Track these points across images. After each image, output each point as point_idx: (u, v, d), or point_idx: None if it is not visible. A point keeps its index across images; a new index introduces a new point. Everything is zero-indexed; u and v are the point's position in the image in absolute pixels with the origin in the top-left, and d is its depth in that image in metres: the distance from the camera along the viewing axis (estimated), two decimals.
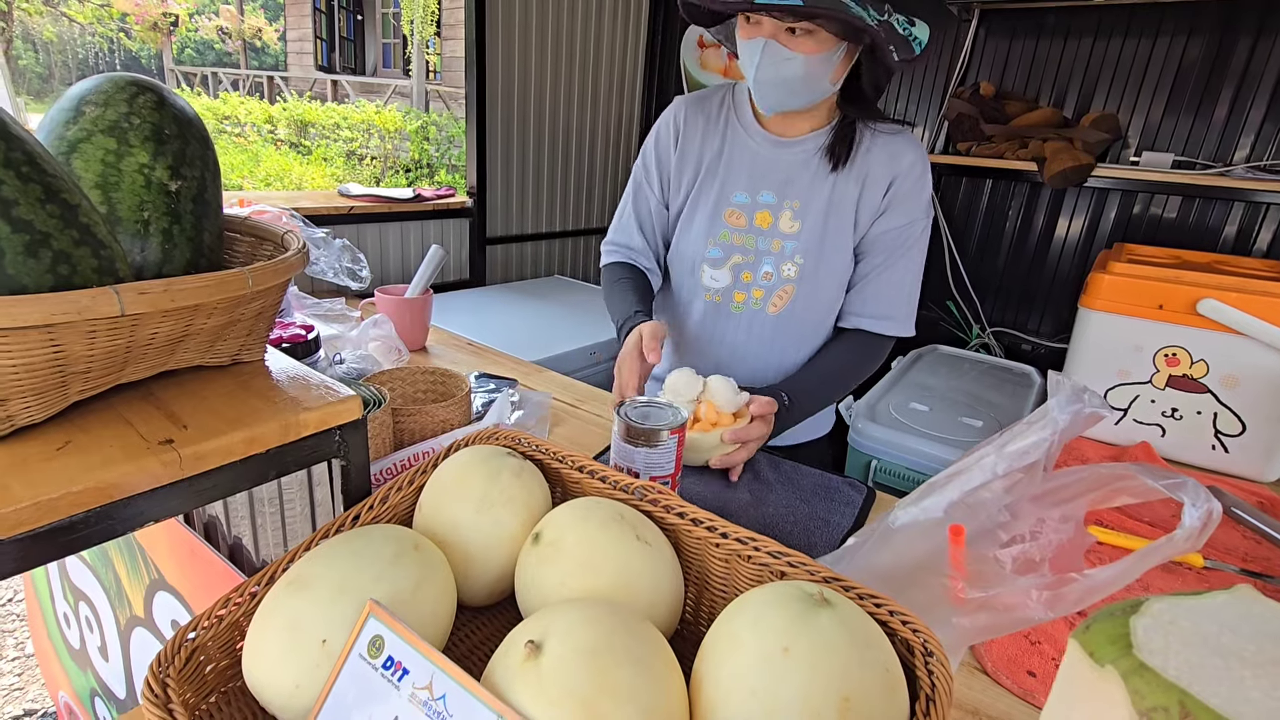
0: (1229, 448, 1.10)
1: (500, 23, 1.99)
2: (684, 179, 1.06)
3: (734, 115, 1.04)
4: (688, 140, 1.05)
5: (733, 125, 1.04)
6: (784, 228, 1.01)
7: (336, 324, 1.14)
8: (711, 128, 1.04)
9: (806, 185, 1.00)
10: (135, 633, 0.88)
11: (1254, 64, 1.66)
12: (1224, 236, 1.75)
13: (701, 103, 1.06)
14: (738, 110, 1.04)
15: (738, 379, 0.99)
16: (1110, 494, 0.41)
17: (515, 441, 0.66)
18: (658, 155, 1.08)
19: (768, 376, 1.08)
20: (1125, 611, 0.24)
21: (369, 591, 0.45)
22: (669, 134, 1.06)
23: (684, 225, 1.07)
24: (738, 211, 1.02)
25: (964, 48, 1.96)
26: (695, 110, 1.05)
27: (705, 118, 1.05)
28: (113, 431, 0.46)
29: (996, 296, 2.10)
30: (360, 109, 9.42)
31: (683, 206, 1.07)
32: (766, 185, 1.01)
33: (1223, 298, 1.04)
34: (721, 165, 1.03)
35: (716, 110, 1.05)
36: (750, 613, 0.42)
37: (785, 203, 1.01)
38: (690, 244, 1.06)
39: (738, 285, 1.04)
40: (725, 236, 1.03)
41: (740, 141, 1.03)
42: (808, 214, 1.00)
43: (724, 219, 1.03)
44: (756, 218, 1.02)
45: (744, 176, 1.02)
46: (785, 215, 1.01)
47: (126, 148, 0.53)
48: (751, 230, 1.02)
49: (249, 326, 0.56)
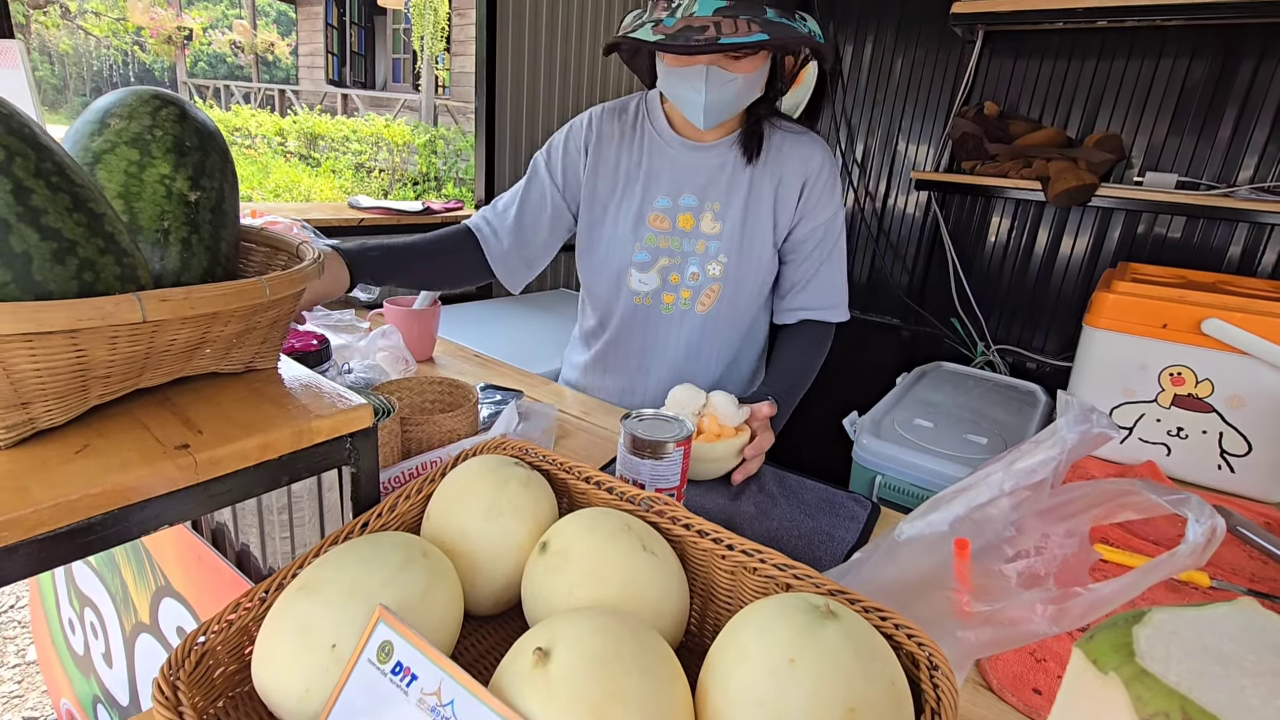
0: (1235, 468, 1.09)
1: (510, 39, 2.03)
2: (597, 186, 1.09)
3: (649, 124, 1.08)
4: (602, 150, 1.09)
5: (649, 134, 1.08)
6: (706, 228, 1.06)
7: (346, 334, 1.15)
8: (628, 138, 1.09)
9: (725, 186, 1.05)
10: (140, 639, 0.89)
11: (1256, 87, 1.67)
12: (1229, 257, 1.76)
13: (616, 114, 1.10)
14: (652, 119, 1.08)
15: (666, 378, 1.09)
16: (1114, 509, 0.41)
17: (523, 452, 0.66)
18: (566, 153, 1.10)
19: (695, 374, 1.14)
20: (1128, 621, 0.25)
21: (378, 597, 0.45)
22: (581, 139, 1.09)
23: (608, 231, 1.10)
24: (661, 215, 1.07)
25: (969, 68, 1.99)
26: (610, 122, 1.09)
27: (621, 129, 1.09)
28: (130, 435, 0.47)
29: (1001, 314, 2.11)
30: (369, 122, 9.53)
31: (600, 214, 1.10)
32: (687, 189, 1.06)
33: (1227, 317, 1.04)
34: (642, 173, 1.07)
35: (632, 120, 1.09)
36: (756, 624, 0.43)
37: (706, 204, 1.06)
38: (615, 249, 1.09)
39: (666, 287, 1.09)
40: (650, 240, 1.07)
41: (659, 149, 1.07)
42: (728, 214, 1.05)
43: (648, 223, 1.07)
44: (679, 220, 1.07)
45: (664, 181, 1.07)
46: (707, 216, 1.06)
47: (149, 159, 0.55)
48: (675, 233, 1.07)
49: (264, 334, 0.57)
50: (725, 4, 0.84)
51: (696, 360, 1.13)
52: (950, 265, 2.12)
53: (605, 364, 1.21)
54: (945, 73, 2.08)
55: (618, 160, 1.08)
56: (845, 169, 2.30)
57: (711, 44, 0.82)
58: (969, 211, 2.12)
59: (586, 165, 1.09)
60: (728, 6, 0.83)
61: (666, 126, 1.07)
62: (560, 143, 1.11)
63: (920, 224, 2.21)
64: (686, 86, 0.93)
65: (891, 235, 2.28)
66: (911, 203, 2.22)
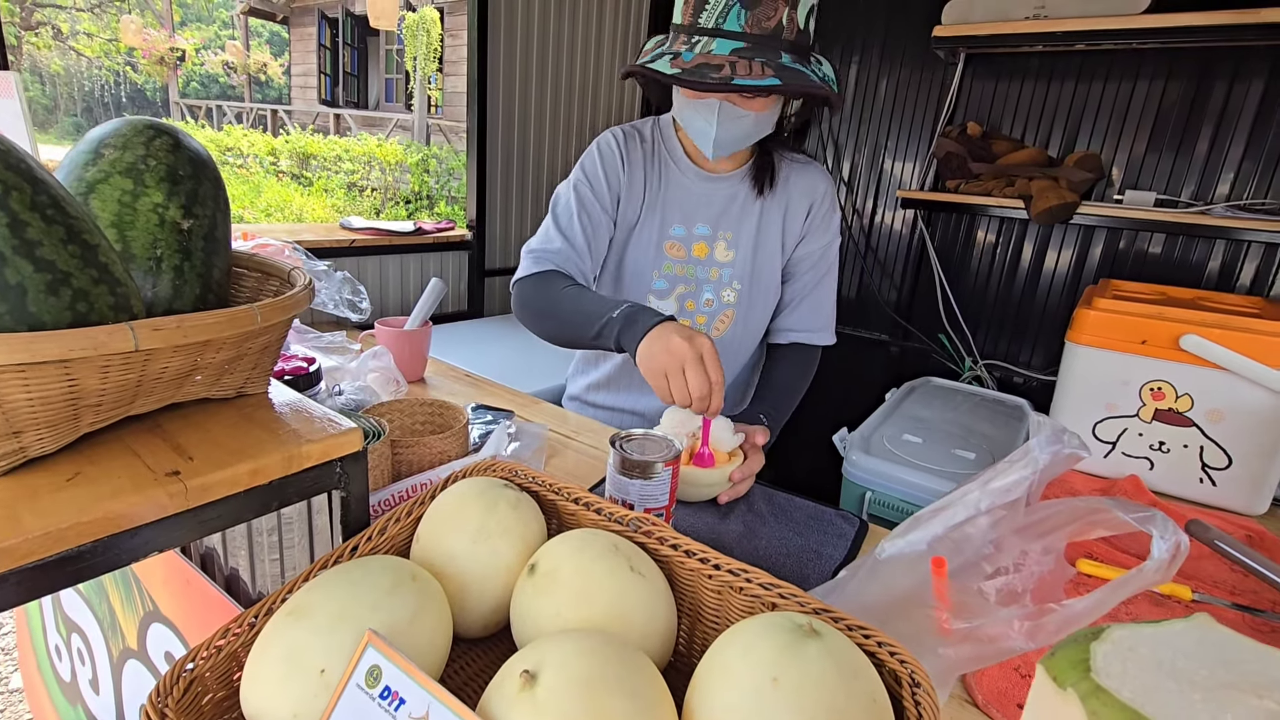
0: (1216, 481, 1.11)
1: (502, 59, 2.05)
2: (629, 207, 1.08)
3: (665, 150, 1.09)
4: (632, 169, 1.07)
5: (665, 160, 1.09)
6: (719, 257, 1.09)
7: (337, 355, 1.15)
8: (649, 161, 1.09)
9: (737, 216, 1.09)
10: (128, 665, 0.88)
11: (1230, 107, 1.72)
12: (1208, 272, 1.79)
13: (635, 136, 1.09)
14: (668, 145, 1.10)
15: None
16: (1087, 526, 0.42)
17: (512, 473, 0.67)
18: (605, 172, 1.06)
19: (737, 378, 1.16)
20: (1088, 638, 0.26)
21: (367, 621, 0.46)
22: (615, 155, 1.06)
23: (631, 257, 1.10)
24: (676, 243, 1.09)
25: (951, 89, 2.03)
26: (633, 142, 1.08)
27: (642, 152, 1.09)
28: (121, 463, 0.47)
29: (988, 330, 2.14)
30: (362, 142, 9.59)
31: (628, 233, 1.09)
32: (701, 218, 1.09)
33: (1205, 333, 1.06)
34: (660, 200, 1.09)
35: (650, 144, 1.10)
36: (741, 643, 0.43)
37: (719, 233, 1.09)
38: (633, 275, 1.10)
39: (683, 313, 1.12)
40: (669, 268, 1.10)
41: (674, 176, 1.09)
42: (739, 243, 1.09)
43: (665, 251, 1.09)
44: (694, 249, 1.09)
45: (679, 210, 1.09)
46: (720, 245, 1.09)
47: (142, 188, 0.56)
48: (690, 260, 1.10)
49: (255, 360, 0.58)
50: (743, 45, 0.85)
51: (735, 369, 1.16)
52: (937, 282, 2.15)
53: (619, 384, 1.21)
54: (929, 94, 2.12)
55: (644, 185, 1.09)
56: None
57: (725, 84, 0.83)
58: (954, 229, 2.15)
59: (625, 180, 1.07)
60: (745, 48, 0.85)
61: (682, 155, 1.09)
62: (596, 160, 1.07)
63: (907, 241, 2.24)
64: (699, 118, 0.95)
65: (879, 253, 2.31)
66: (898, 220, 2.25)
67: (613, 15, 2.39)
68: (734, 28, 0.85)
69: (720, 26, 0.86)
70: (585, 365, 1.30)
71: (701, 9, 0.87)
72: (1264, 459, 1.07)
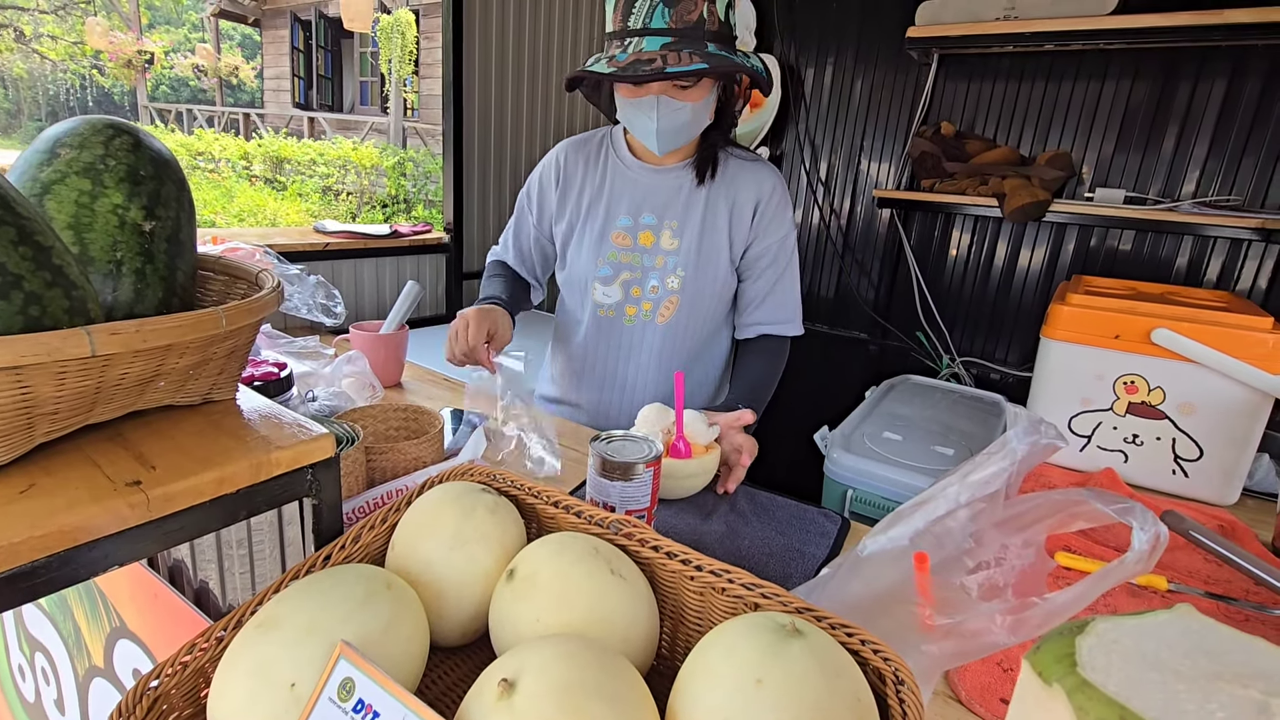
0: (1189, 472, 1.13)
1: (477, 62, 2.04)
2: (566, 211, 1.18)
3: (613, 152, 1.18)
4: (569, 179, 1.18)
5: (613, 161, 1.17)
6: (665, 245, 1.14)
7: (310, 361, 1.13)
8: (592, 166, 1.17)
9: (682, 206, 1.13)
10: (94, 684, 0.85)
11: (1194, 106, 1.76)
12: (1176, 268, 1.83)
13: (582, 145, 1.19)
14: (615, 148, 1.18)
15: (629, 386, 1.20)
16: (1066, 519, 0.42)
17: (490, 478, 0.66)
18: (540, 190, 1.21)
19: (656, 381, 1.21)
20: (1072, 632, 0.25)
21: (339, 633, 0.44)
22: (551, 174, 1.19)
23: (574, 250, 1.19)
24: (622, 233, 1.15)
25: (925, 89, 2.05)
26: (576, 153, 1.19)
27: (585, 158, 1.18)
28: (79, 473, 0.46)
29: (964, 327, 2.16)
30: (337, 145, 9.46)
31: (569, 235, 1.19)
32: (647, 208, 1.15)
33: (1175, 327, 1.08)
34: (604, 195, 1.16)
35: (596, 150, 1.18)
36: (724, 644, 0.43)
37: (665, 222, 1.14)
38: (581, 265, 1.18)
39: (628, 300, 1.17)
40: (613, 256, 1.15)
41: (621, 173, 1.16)
42: (684, 231, 1.13)
43: (611, 240, 1.15)
44: (640, 237, 1.15)
45: (626, 202, 1.15)
46: (665, 234, 1.14)
47: (101, 189, 0.54)
48: (636, 249, 1.15)
49: (221, 365, 0.56)
50: (670, 39, 0.93)
51: (660, 369, 1.20)
52: (914, 280, 2.17)
53: (579, 376, 1.27)
54: (903, 94, 2.14)
55: (583, 185, 1.17)
56: (810, 188, 2.34)
57: (658, 73, 0.91)
58: (930, 228, 2.17)
59: (557, 196, 1.19)
60: (673, 42, 0.93)
61: (628, 153, 1.16)
62: (536, 182, 1.22)
63: (884, 241, 2.26)
64: (641, 115, 1.01)
65: (857, 252, 2.32)
66: (875, 220, 2.27)
67: (588, 18, 2.38)
68: (660, 25, 0.93)
69: (648, 25, 0.94)
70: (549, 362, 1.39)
71: (629, 13, 0.95)
72: (1234, 450, 1.09)
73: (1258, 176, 1.71)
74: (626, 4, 0.95)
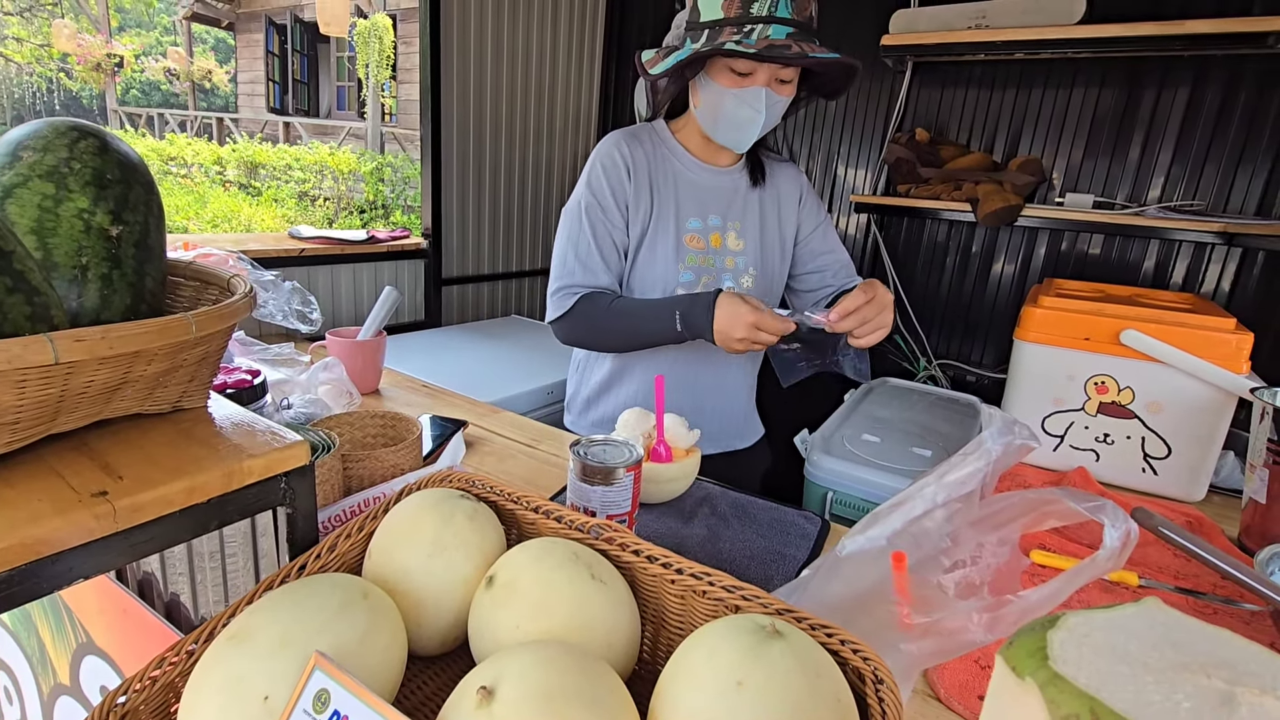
0: (1158, 470, 1.15)
1: (455, 65, 2.03)
2: (640, 209, 1.11)
3: (666, 150, 1.15)
4: (638, 172, 1.11)
5: (668, 159, 1.14)
6: (732, 245, 1.16)
7: (284, 368, 1.11)
8: (653, 161, 1.13)
9: (741, 207, 1.16)
10: (60, 702, 0.83)
11: (1159, 114, 1.81)
12: (1144, 271, 1.88)
13: (634, 137, 1.13)
14: (668, 145, 1.15)
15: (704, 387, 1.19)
16: (1040, 517, 0.43)
17: (469, 484, 0.65)
18: (611, 187, 1.10)
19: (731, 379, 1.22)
20: (1044, 626, 0.26)
21: (313, 643, 0.43)
22: (619, 165, 1.10)
23: (647, 254, 1.13)
24: (695, 235, 1.14)
25: (900, 97, 2.08)
26: (634, 145, 1.12)
27: (644, 153, 1.12)
28: (41, 485, 0.44)
29: (940, 330, 2.19)
30: (313, 150, 9.35)
31: (641, 238, 1.12)
32: (712, 210, 1.15)
33: (1142, 328, 1.11)
34: (674, 196, 1.13)
35: (650, 145, 1.14)
36: (704, 647, 0.43)
37: (729, 223, 1.16)
38: (659, 270, 1.13)
39: None
40: (692, 260, 1.14)
41: (680, 173, 1.14)
42: (747, 232, 1.16)
43: (685, 244, 1.13)
44: (711, 239, 1.15)
45: (692, 203, 1.14)
46: (731, 235, 1.16)
47: (66, 193, 0.52)
48: (709, 251, 1.15)
49: (191, 372, 0.55)
50: (794, 30, 0.95)
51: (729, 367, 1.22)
52: (891, 283, 2.20)
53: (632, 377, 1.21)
54: (879, 101, 2.17)
55: (651, 183, 1.12)
56: None
57: (803, 56, 0.93)
58: (906, 232, 2.20)
59: (633, 190, 1.11)
60: (795, 33, 0.95)
61: (684, 152, 1.15)
62: (604, 182, 1.10)
63: (862, 245, 2.28)
64: (745, 106, 1.01)
65: None
66: (853, 224, 2.29)
67: (567, 22, 2.39)
68: (784, 14, 0.95)
69: (774, 14, 0.95)
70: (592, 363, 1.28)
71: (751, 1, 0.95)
72: (1200, 448, 1.12)
73: (1219, 182, 1.76)
74: None
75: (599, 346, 1.17)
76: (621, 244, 1.12)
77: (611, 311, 1.08)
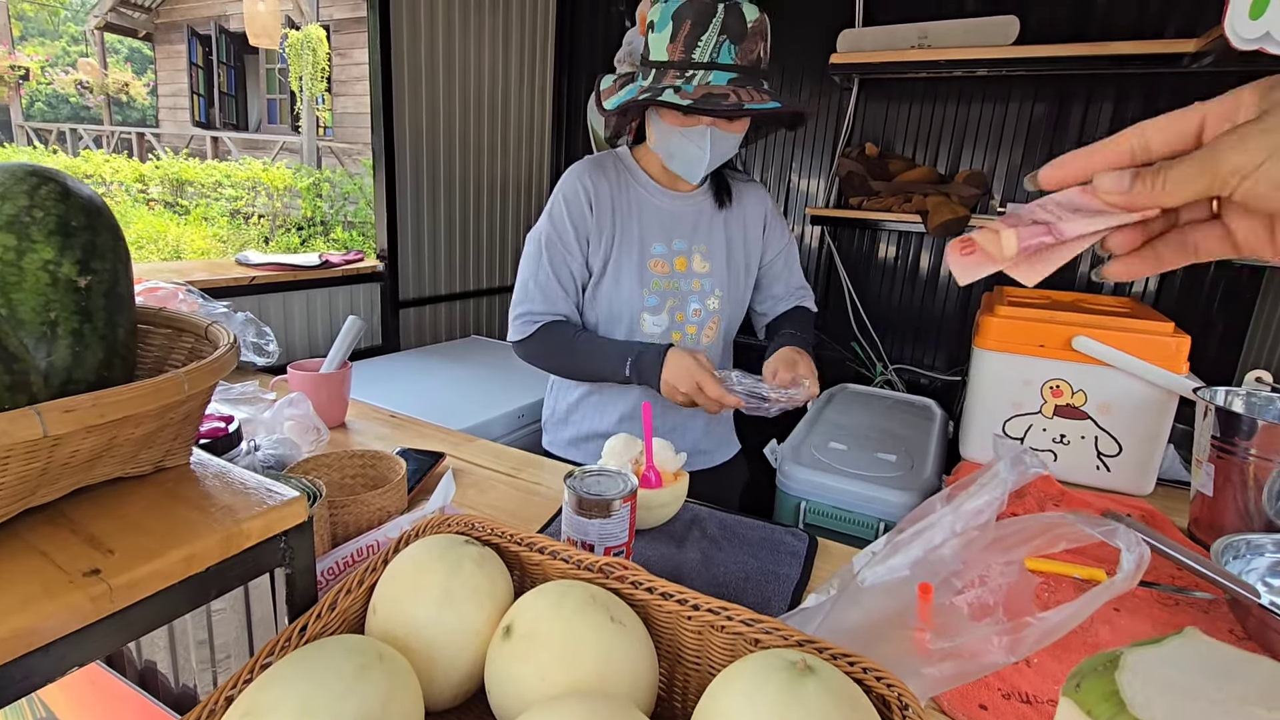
0: (1110, 467, 1.22)
1: (407, 79, 1.99)
2: (602, 239, 1.14)
3: (630, 177, 1.17)
4: (600, 203, 1.13)
5: (632, 186, 1.16)
6: (698, 268, 1.18)
7: (247, 406, 1.06)
8: (616, 190, 1.15)
9: (706, 230, 1.19)
10: None
11: (1087, 126, 1.92)
12: (1079, 274, 1.99)
13: (599, 167, 1.15)
14: (632, 173, 1.17)
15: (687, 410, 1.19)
16: (1052, 540, 0.45)
17: (469, 526, 0.64)
18: (572, 219, 1.13)
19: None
20: (1107, 667, 0.27)
21: (336, 715, 0.41)
22: (580, 198, 1.13)
23: (611, 282, 1.15)
24: (660, 260, 1.16)
25: (848, 112, 2.15)
26: (597, 175, 1.14)
27: (607, 181, 1.14)
28: (25, 566, 0.41)
29: (894, 336, 2.27)
30: (245, 166, 8.99)
31: (604, 266, 1.15)
32: (677, 234, 1.17)
33: (1091, 334, 1.17)
34: (636, 224, 1.15)
35: (614, 174, 1.16)
36: (741, 687, 0.43)
37: (694, 247, 1.18)
38: (625, 297, 1.15)
39: (674, 325, 1.18)
40: (656, 285, 1.16)
41: (643, 199, 1.16)
42: (713, 254, 1.19)
43: (650, 269, 1.16)
44: (676, 263, 1.17)
45: (656, 229, 1.16)
46: (696, 258, 1.18)
47: (29, 244, 0.49)
48: (674, 275, 1.17)
49: (176, 431, 0.52)
50: (736, 75, 0.97)
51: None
52: (846, 293, 2.26)
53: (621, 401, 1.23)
54: (829, 116, 2.24)
55: (613, 212, 1.14)
56: None
57: (737, 108, 0.94)
58: (859, 243, 2.27)
59: (594, 222, 1.13)
60: (738, 78, 0.97)
61: (647, 178, 1.17)
62: (564, 214, 1.13)
63: (817, 256, 2.34)
64: (691, 145, 1.03)
65: None
66: (808, 236, 2.35)
67: (518, 34, 2.37)
68: (727, 60, 0.96)
69: (715, 60, 0.96)
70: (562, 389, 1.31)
71: (694, 45, 0.96)
72: (1148, 444, 1.19)
73: None
74: (690, 36, 0.96)
75: (556, 373, 1.23)
76: (580, 275, 1.16)
77: (572, 345, 1.13)
